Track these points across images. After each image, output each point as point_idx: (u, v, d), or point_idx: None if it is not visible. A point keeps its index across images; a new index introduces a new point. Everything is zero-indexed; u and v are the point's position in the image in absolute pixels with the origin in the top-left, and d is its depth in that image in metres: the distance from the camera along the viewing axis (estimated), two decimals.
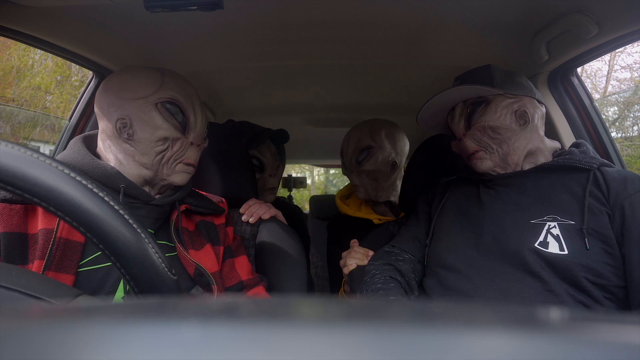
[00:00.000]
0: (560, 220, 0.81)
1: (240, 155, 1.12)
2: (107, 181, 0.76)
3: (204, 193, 0.96)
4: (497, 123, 0.89)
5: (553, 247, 0.79)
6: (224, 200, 0.98)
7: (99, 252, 0.72)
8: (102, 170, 0.76)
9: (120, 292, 0.73)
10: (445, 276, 0.89)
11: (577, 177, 0.85)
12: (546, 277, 0.78)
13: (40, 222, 0.70)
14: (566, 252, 0.78)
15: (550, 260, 0.78)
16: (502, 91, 0.89)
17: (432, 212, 1.05)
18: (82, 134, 0.86)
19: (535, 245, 0.80)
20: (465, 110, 0.94)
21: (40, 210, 0.71)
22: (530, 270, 0.79)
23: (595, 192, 0.82)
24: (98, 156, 0.82)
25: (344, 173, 1.44)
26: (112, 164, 0.79)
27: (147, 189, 0.82)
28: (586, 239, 0.78)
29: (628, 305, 0.77)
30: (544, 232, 0.81)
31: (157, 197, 0.83)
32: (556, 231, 0.80)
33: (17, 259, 0.67)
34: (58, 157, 0.80)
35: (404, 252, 1.02)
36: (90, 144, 0.84)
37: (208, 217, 0.92)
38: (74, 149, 0.80)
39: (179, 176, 0.82)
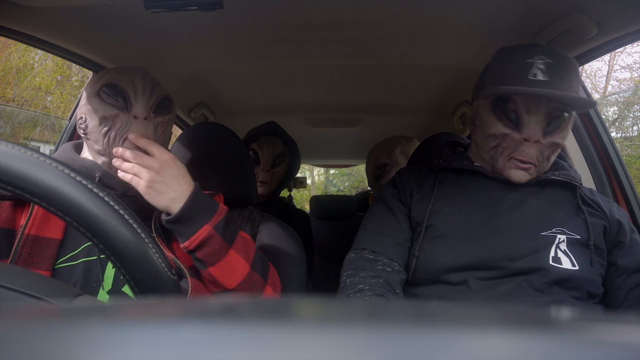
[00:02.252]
0: (568, 234, 0.81)
1: (241, 155, 1.12)
2: (85, 172, 0.78)
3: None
4: (564, 143, 0.83)
5: (566, 263, 0.79)
6: (221, 195, 0.95)
7: (78, 249, 0.73)
8: (81, 162, 0.80)
9: (104, 290, 0.73)
10: (448, 290, 0.82)
11: (569, 192, 0.86)
12: (558, 291, 0.78)
13: (23, 219, 0.72)
14: (577, 267, 0.78)
15: (564, 276, 0.78)
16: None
17: (415, 213, 0.90)
18: (76, 141, 0.89)
19: (551, 262, 0.78)
20: (549, 113, 0.80)
21: (25, 207, 0.73)
22: (543, 285, 0.78)
23: (588, 206, 0.85)
24: None
25: (370, 185, 1.62)
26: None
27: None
28: (592, 255, 0.80)
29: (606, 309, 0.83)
30: (554, 246, 0.80)
31: None
32: (564, 246, 0.80)
33: (4, 254, 0.69)
34: None
35: (392, 261, 0.86)
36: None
37: None
38: (61, 149, 0.84)
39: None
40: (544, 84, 0.76)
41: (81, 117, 0.81)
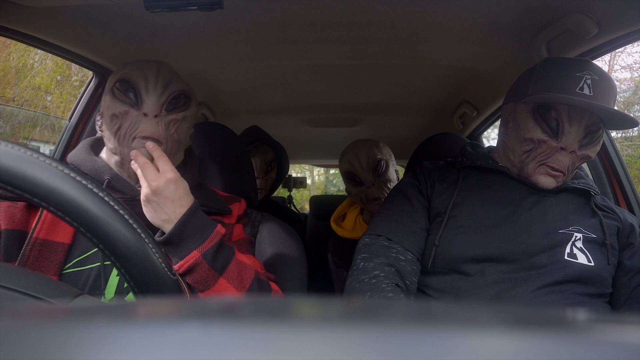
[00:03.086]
0: (584, 233, 0.83)
1: (241, 155, 1.12)
2: (95, 174, 0.76)
3: (223, 194, 0.92)
4: (594, 157, 0.85)
5: (581, 259, 0.81)
6: (242, 201, 0.92)
7: (86, 254, 0.71)
8: (92, 163, 0.77)
9: (105, 298, 0.71)
10: (463, 280, 0.84)
11: (583, 198, 0.90)
12: (571, 287, 0.80)
13: (34, 222, 0.71)
14: (593, 263, 0.81)
15: (579, 271, 0.80)
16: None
17: (437, 204, 0.92)
18: (97, 137, 0.86)
19: (566, 257, 0.81)
20: (587, 127, 0.82)
21: (37, 210, 0.72)
22: (559, 280, 0.80)
23: (602, 210, 0.88)
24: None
25: (354, 192, 1.44)
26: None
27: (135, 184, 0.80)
28: (609, 254, 0.83)
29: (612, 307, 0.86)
30: (570, 243, 0.82)
31: None
32: (580, 243, 0.83)
33: (14, 256, 0.68)
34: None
35: (406, 250, 0.87)
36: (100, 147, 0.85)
37: (216, 217, 0.85)
38: (78, 147, 0.82)
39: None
40: (588, 98, 0.79)
41: (99, 113, 0.80)
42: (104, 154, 0.81)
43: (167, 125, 0.78)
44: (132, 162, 0.73)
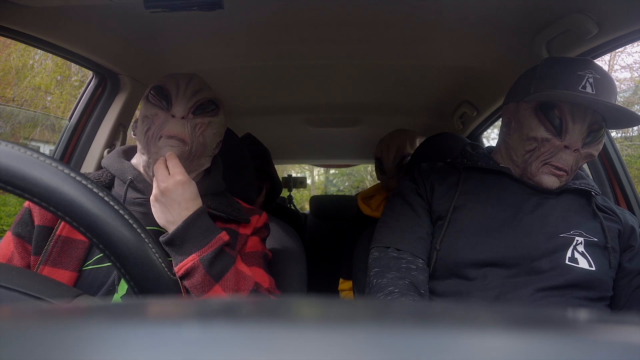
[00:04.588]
0: (586, 237, 0.83)
1: (240, 155, 1.12)
2: (120, 173, 0.81)
3: (246, 205, 0.91)
4: (596, 155, 0.85)
5: (583, 263, 0.81)
6: (264, 214, 0.91)
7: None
8: (119, 164, 0.82)
9: (118, 294, 0.73)
10: (464, 285, 0.83)
11: (584, 199, 0.89)
12: (573, 292, 0.79)
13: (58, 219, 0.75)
14: (594, 268, 0.80)
15: (581, 276, 0.79)
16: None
17: (437, 206, 0.91)
18: (130, 145, 0.90)
19: (567, 262, 0.81)
20: (590, 125, 0.82)
21: None
22: (560, 285, 0.79)
23: (603, 212, 0.88)
24: None
25: (379, 177, 1.56)
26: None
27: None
28: (611, 257, 0.82)
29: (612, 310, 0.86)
30: (572, 247, 0.82)
31: None
32: (581, 247, 0.82)
33: (42, 250, 0.73)
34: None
35: (416, 257, 0.87)
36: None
37: (232, 225, 0.85)
38: (110, 152, 0.87)
39: (164, 151, 0.78)
40: (592, 96, 0.78)
41: (135, 120, 0.84)
42: (134, 160, 0.85)
43: (193, 128, 0.80)
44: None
